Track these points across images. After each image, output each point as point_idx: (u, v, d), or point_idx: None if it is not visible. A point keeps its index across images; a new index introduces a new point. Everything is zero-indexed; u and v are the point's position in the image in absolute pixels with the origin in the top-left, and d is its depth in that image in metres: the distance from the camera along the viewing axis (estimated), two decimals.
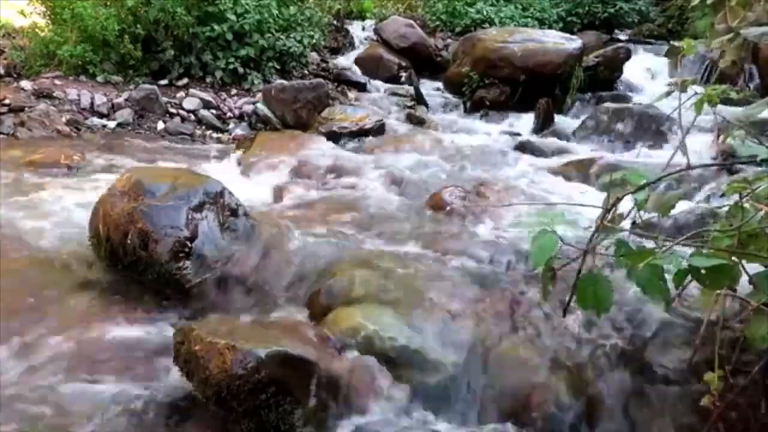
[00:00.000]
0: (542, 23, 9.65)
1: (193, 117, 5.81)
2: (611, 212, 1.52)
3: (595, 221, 1.55)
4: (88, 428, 1.90)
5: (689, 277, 1.37)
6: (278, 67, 6.61)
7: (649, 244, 1.50)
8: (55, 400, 1.99)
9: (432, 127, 5.88)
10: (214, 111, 5.91)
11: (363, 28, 8.96)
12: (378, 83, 7.32)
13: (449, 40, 8.83)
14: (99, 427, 1.91)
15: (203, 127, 5.75)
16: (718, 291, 1.66)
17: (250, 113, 5.90)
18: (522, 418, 2.00)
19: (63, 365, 2.17)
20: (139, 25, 5.99)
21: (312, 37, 6.97)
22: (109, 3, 6.05)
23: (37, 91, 5.53)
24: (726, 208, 1.62)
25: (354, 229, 3.12)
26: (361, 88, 7.05)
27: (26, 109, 5.25)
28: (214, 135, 5.69)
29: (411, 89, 6.94)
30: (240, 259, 2.70)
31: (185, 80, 6.20)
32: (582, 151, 5.04)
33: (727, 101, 2.20)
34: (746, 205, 1.51)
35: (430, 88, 7.37)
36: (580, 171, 4.24)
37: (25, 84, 5.61)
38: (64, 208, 3.39)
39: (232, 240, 2.77)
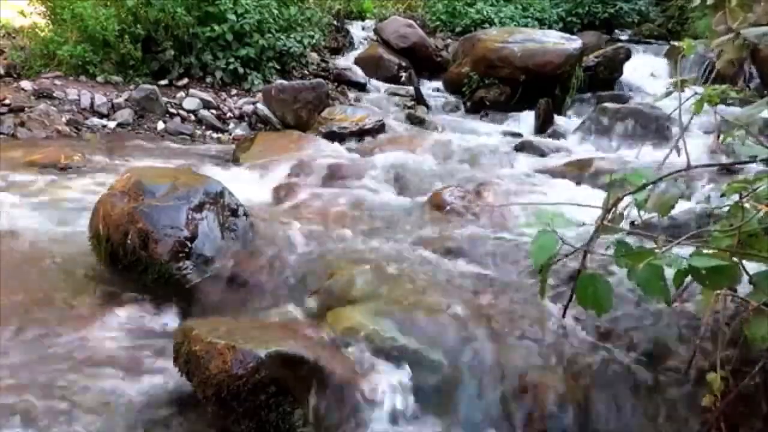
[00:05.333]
0: (542, 23, 9.65)
1: (193, 117, 5.82)
2: (611, 212, 1.52)
3: (595, 221, 1.55)
4: (87, 428, 1.90)
5: (689, 277, 1.37)
6: (278, 67, 6.61)
7: (650, 244, 1.50)
8: (54, 400, 1.99)
9: (432, 128, 5.88)
10: (214, 111, 5.92)
11: (363, 28, 8.97)
12: (378, 83, 7.32)
13: (449, 40, 8.84)
14: (98, 427, 1.91)
15: (203, 127, 5.75)
16: (718, 291, 1.66)
17: (250, 113, 5.91)
18: (522, 417, 1.99)
19: (62, 365, 2.17)
20: (139, 25, 6.00)
21: (312, 37, 6.98)
22: (109, 3, 6.06)
23: (37, 91, 5.53)
24: (726, 208, 1.62)
25: (354, 229, 3.12)
26: (361, 88, 7.06)
27: (26, 109, 5.26)
28: (214, 135, 5.70)
29: (411, 89, 6.94)
30: (240, 259, 2.70)
31: (185, 80, 6.21)
32: (582, 151, 5.04)
33: (728, 101, 2.21)
34: (746, 205, 1.51)
35: (430, 88, 7.38)
36: (580, 171, 4.24)
37: (25, 84, 5.62)
38: (64, 208, 3.39)
39: (232, 240, 2.77)
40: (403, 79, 7.47)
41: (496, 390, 2.05)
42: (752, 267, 1.47)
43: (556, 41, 6.85)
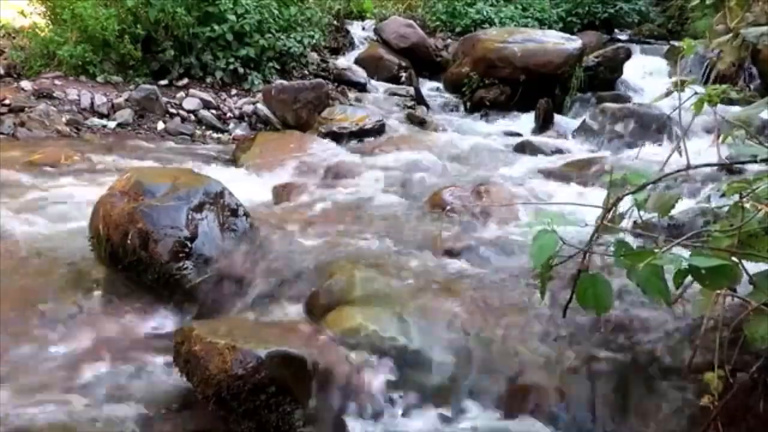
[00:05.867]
0: (542, 23, 9.65)
1: (193, 117, 5.82)
2: (611, 212, 1.52)
3: (595, 221, 1.55)
4: (87, 428, 1.90)
5: (689, 277, 1.37)
6: (278, 67, 6.61)
7: (650, 244, 1.50)
8: (53, 400, 1.99)
9: (432, 128, 5.88)
10: (214, 111, 5.92)
11: (363, 28, 8.96)
12: (378, 83, 7.32)
13: (449, 40, 8.83)
14: (98, 426, 1.91)
15: (203, 128, 5.75)
16: (718, 291, 1.66)
17: (250, 113, 5.90)
18: (522, 417, 2.00)
19: (62, 365, 2.17)
20: (139, 26, 5.99)
21: (312, 37, 6.97)
22: (109, 3, 6.06)
23: (37, 92, 5.53)
24: (726, 208, 1.62)
25: (354, 229, 3.12)
26: (361, 88, 7.06)
27: (26, 109, 5.26)
28: (214, 135, 5.69)
29: (411, 89, 6.94)
30: (240, 259, 2.70)
31: (185, 80, 6.20)
32: (582, 151, 5.04)
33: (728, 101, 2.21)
34: (746, 205, 1.51)
35: (430, 88, 7.38)
36: (580, 171, 4.24)
37: (25, 84, 5.62)
38: (64, 208, 3.39)
39: (232, 240, 2.77)
40: (403, 79, 7.46)
41: (496, 390, 2.05)
42: (752, 267, 1.47)
43: (556, 41, 6.85)
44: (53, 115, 5.29)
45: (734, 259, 1.40)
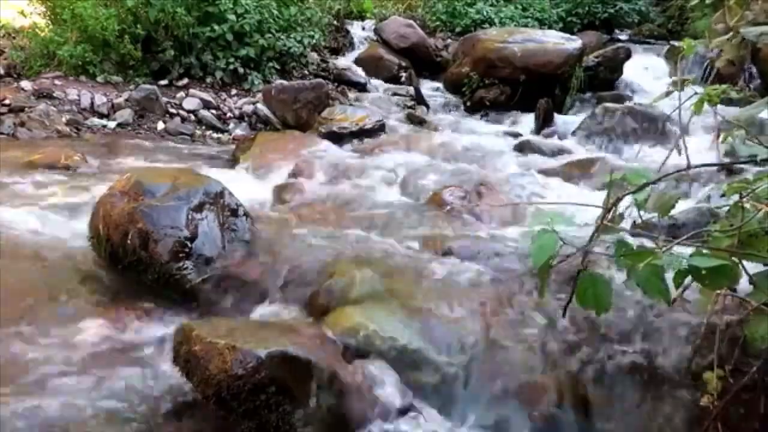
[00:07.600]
0: (542, 23, 9.65)
1: (193, 117, 5.82)
2: (611, 212, 1.52)
3: (595, 221, 1.55)
4: (87, 428, 1.90)
5: (689, 278, 1.37)
6: (278, 67, 6.61)
7: (650, 244, 1.50)
8: (54, 400, 1.99)
9: (432, 128, 5.88)
10: (214, 111, 5.92)
11: (363, 28, 8.96)
12: (378, 83, 7.32)
13: (449, 40, 8.83)
14: (98, 426, 1.91)
15: (203, 128, 5.75)
16: (718, 291, 1.66)
17: (250, 113, 5.91)
18: (522, 417, 2.00)
19: (62, 365, 2.17)
20: (139, 26, 6.00)
21: (312, 37, 6.97)
22: (109, 3, 6.06)
23: (37, 92, 5.53)
24: (726, 208, 1.62)
25: (354, 229, 3.12)
26: (361, 88, 7.06)
27: (26, 109, 5.26)
28: (214, 135, 5.70)
29: (411, 89, 6.94)
30: (240, 259, 2.70)
31: (185, 80, 6.21)
32: (582, 151, 5.03)
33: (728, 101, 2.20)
34: (746, 205, 1.51)
35: (430, 88, 7.37)
36: (580, 171, 4.24)
37: (25, 84, 5.62)
38: (64, 208, 3.39)
39: (232, 240, 2.77)
40: (403, 79, 7.46)
41: (496, 390, 2.05)
42: (752, 267, 1.47)
43: (556, 41, 6.85)
44: (53, 115, 5.29)
45: (734, 259, 1.39)
